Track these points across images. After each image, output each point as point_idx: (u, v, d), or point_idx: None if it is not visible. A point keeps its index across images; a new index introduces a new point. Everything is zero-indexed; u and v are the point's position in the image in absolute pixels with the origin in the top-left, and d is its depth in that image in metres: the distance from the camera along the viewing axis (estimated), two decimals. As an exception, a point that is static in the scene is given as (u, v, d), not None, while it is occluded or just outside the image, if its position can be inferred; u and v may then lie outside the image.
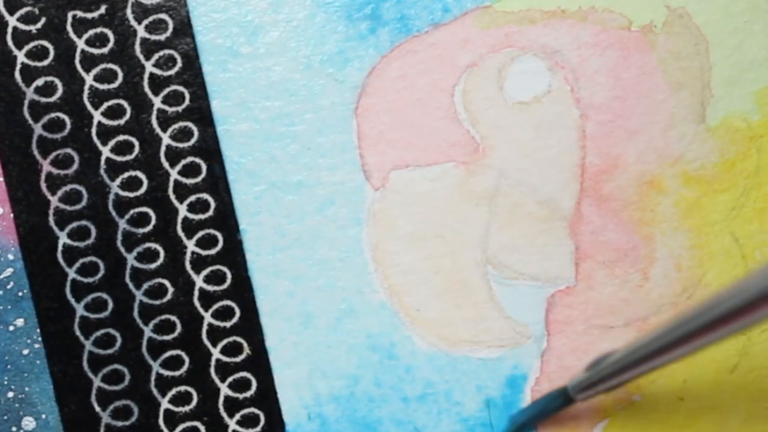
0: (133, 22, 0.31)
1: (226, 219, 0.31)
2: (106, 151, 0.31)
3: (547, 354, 0.31)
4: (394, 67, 0.32)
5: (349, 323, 0.31)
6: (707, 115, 0.32)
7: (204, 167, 0.31)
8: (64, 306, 0.30)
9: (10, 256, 0.30)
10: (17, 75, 0.31)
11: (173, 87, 0.31)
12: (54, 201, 0.31)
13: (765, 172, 0.32)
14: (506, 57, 0.32)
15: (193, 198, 0.31)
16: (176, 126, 0.31)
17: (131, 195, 0.31)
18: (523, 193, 0.32)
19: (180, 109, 0.31)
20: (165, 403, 0.31)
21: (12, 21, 0.31)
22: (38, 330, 0.30)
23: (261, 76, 0.31)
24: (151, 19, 0.31)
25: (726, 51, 0.32)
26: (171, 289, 0.31)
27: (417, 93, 0.32)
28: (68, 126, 0.31)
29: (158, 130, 0.31)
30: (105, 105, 0.31)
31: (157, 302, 0.31)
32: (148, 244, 0.31)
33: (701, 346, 0.22)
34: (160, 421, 0.31)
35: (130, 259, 0.31)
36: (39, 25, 0.31)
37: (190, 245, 0.31)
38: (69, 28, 0.31)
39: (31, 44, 0.31)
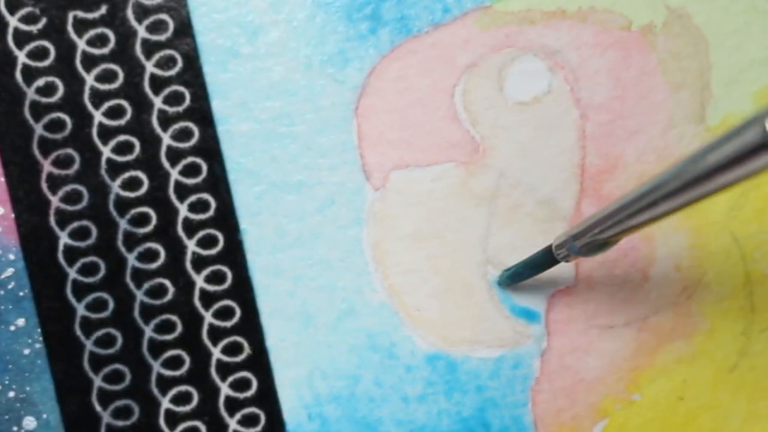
0: (133, 23, 0.31)
1: (227, 219, 0.31)
2: (106, 151, 0.31)
3: (547, 354, 0.31)
4: (394, 67, 0.32)
5: (349, 323, 0.31)
6: (707, 115, 0.32)
7: (204, 167, 0.31)
8: (65, 306, 0.30)
9: (11, 256, 0.30)
10: (18, 75, 0.31)
11: (174, 87, 0.31)
12: (55, 201, 0.31)
13: (764, 172, 0.32)
14: (506, 57, 0.32)
15: (193, 198, 0.31)
16: (177, 126, 0.31)
17: (132, 195, 0.31)
18: (523, 193, 0.32)
19: (180, 109, 0.31)
20: (165, 403, 0.31)
21: (13, 21, 0.31)
22: (39, 330, 0.30)
23: (261, 76, 0.31)
24: (151, 19, 0.31)
25: (726, 51, 0.32)
26: (171, 289, 0.31)
27: (417, 93, 0.32)
28: (69, 126, 0.31)
29: (159, 130, 0.31)
30: (106, 105, 0.31)
31: (158, 302, 0.31)
32: (148, 244, 0.31)
33: (675, 205, 0.21)
34: (161, 421, 0.31)
35: (131, 259, 0.31)
36: (40, 26, 0.31)
37: (191, 245, 0.31)
38: (70, 28, 0.31)
39: (32, 44, 0.31)
